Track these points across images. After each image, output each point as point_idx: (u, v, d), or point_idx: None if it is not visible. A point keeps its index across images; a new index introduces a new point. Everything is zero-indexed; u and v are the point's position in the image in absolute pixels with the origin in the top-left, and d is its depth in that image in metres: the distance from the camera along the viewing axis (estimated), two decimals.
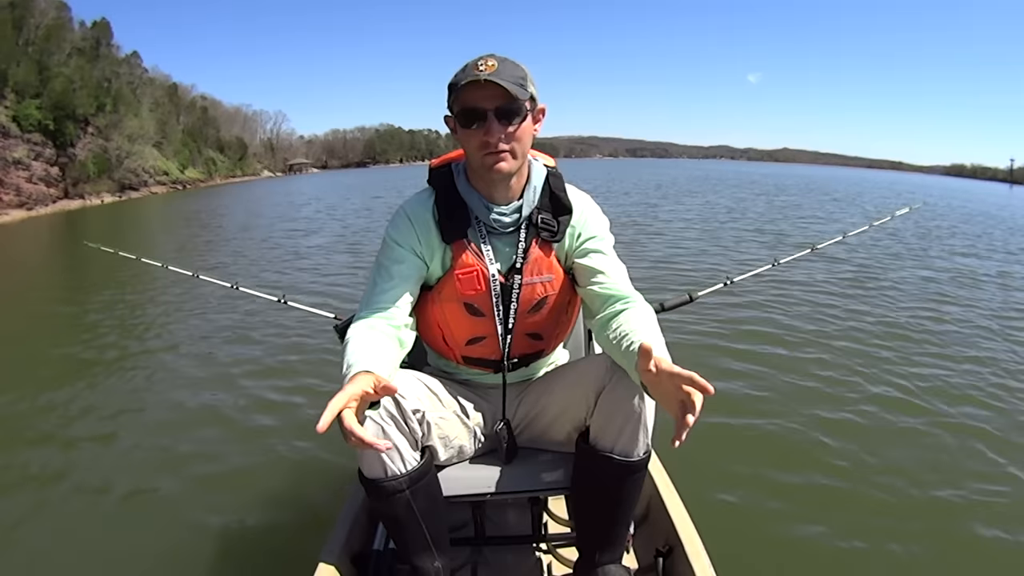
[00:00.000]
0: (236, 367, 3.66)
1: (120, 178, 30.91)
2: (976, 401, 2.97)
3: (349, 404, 0.90)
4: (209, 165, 47.99)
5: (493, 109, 1.04)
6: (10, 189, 22.74)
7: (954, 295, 5.40)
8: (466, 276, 1.16)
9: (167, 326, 4.78)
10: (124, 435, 2.84)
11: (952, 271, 6.62)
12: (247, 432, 2.80)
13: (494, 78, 1.02)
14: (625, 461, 1.10)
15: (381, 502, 1.12)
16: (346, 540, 1.31)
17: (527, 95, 1.06)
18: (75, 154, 28.11)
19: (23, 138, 25.27)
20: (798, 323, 4.31)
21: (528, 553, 1.49)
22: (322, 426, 0.86)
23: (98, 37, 34.79)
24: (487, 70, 1.03)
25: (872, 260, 7.08)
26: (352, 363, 0.99)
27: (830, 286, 5.59)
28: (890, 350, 3.71)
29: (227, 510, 2.16)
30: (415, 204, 1.19)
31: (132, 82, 38.52)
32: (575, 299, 1.26)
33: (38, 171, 25.16)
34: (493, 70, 1.03)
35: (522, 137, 1.09)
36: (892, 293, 5.39)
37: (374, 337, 1.08)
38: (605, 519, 1.20)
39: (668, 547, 1.31)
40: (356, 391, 0.91)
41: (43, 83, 27.38)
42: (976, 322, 4.46)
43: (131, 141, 32.26)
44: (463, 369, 1.29)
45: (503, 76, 1.03)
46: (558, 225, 1.18)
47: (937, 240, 9.37)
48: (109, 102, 32.53)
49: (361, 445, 0.90)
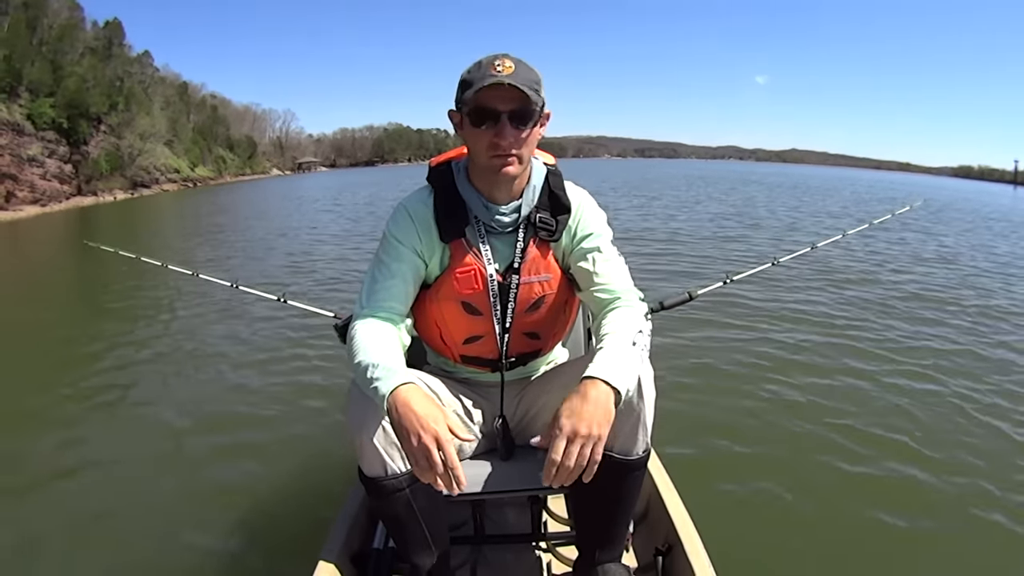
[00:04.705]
0: (236, 366, 3.69)
1: (132, 175, 31.24)
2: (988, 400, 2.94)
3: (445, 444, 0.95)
4: (219, 163, 48.37)
5: (507, 112, 1.03)
6: (25, 186, 23.03)
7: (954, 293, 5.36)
8: (464, 275, 1.15)
9: (167, 325, 4.81)
10: (123, 435, 2.86)
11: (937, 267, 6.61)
12: (247, 431, 2.81)
13: (515, 81, 1.01)
14: (624, 460, 1.10)
15: (381, 501, 1.12)
16: (346, 539, 1.32)
17: (540, 100, 1.05)
18: (88, 152, 28.43)
19: (37, 136, 25.57)
20: (802, 321, 4.29)
21: (528, 552, 1.49)
22: (457, 491, 0.97)
23: (110, 37, 35.16)
24: (505, 71, 1.01)
25: (872, 258, 7.04)
26: (380, 364, 1.01)
27: (831, 283, 5.56)
28: (895, 349, 3.68)
29: (227, 509, 2.16)
30: (416, 201, 1.18)
31: (143, 81, 38.96)
32: (573, 299, 1.26)
33: (52, 168, 25.46)
34: (511, 72, 1.02)
35: (531, 142, 1.09)
36: (893, 292, 5.35)
37: (385, 338, 1.08)
38: (605, 518, 1.19)
39: (668, 546, 1.31)
40: (448, 436, 0.96)
41: (57, 82, 27.68)
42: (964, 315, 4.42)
43: (143, 139, 32.59)
44: (461, 368, 1.29)
45: (520, 80, 1.02)
46: (556, 224, 1.18)
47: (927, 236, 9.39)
48: (121, 101, 32.87)
49: (445, 476, 0.96)
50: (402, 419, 0.95)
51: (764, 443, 2.54)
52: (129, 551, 1.96)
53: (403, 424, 0.95)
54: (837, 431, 2.62)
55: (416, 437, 0.94)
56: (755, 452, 2.47)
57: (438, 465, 0.94)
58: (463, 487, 0.97)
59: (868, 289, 5.44)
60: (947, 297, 5.24)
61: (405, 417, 0.95)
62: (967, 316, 4.58)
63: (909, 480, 2.26)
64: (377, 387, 0.99)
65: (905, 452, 2.44)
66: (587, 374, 0.97)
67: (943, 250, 8.20)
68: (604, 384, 0.95)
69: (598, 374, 0.96)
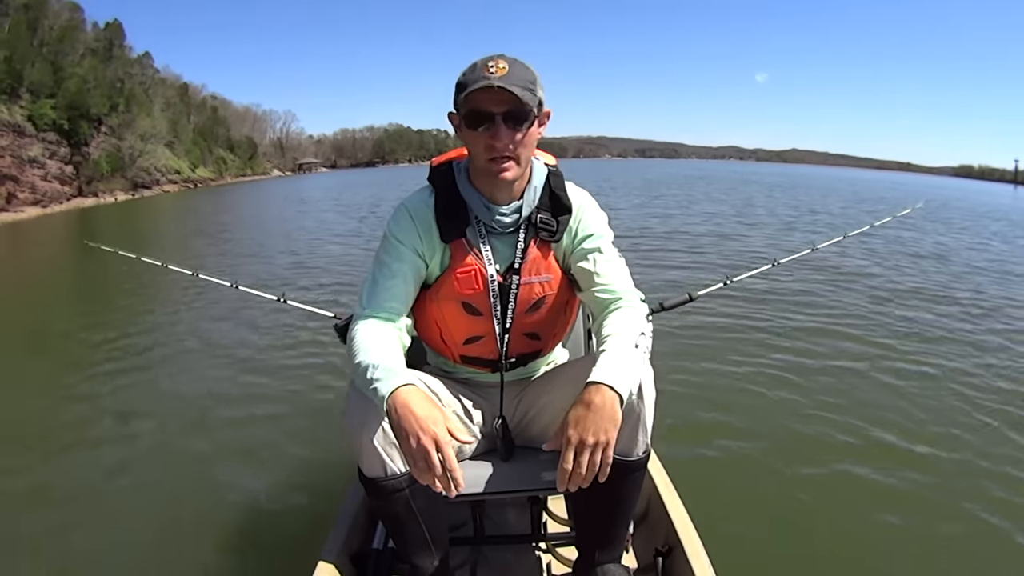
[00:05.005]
0: (236, 367, 3.69)
1: (133, 176, 31.33)
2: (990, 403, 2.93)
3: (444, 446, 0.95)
4: (220, 164, 48.44)
5: (502, 113, 1.03)
6: (26, 187, 23.09)
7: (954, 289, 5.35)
8: (464, 276, 1.15)
9: (167, 326, 4.81)
10: (123, 435, 2.86)
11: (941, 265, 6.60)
12: (247, 431, 2.81)
13: (505, 83, 1.00)
14: (624, 460, 1.10)
15: (381, 501, 1.12)
16: (346, 539, 1.32)
17: (536, 100, 1.05)
18: (89, 153, 28.49)
19: (38, 137, 25.63)
20: (802, 321, 4.28)
21: (527, 552, 1.49)
22: (455, 493, 0.97)
23: (111, 38, 35.23)
24: (498, 73, 1.01)
25: (870, 257, 7.04)
26: (380, 365, 1.01)
27: (832, 283, 5.56)
28: (897, 349, 3.67)
29: (227, 508, 2.17)
30: (417, 202, 1.18)
31: (144, 82, 39.03)
32: (573, 299, 1.26)
33: (53, 169, 25.52)
34: (504, 73, 1.01)
35: (528, 142, 1.08)
36: (893, 291, 5.34)
37: (386, 338, 1.08)
38: (604, 518, 1.19)
39: (667, 547, 1.31)
40: (447, 438, 0.96)
41: (57, 83, 27.74)
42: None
43: (143, 140, 32.69)
44: (462, 368, 1.29)
45: (514, 80, 1.01)
46: (557, 225, 1.17)
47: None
48: (122, 102, 32.95)
49: (443, 478, 0.96)
50: (401, 420, 0.95)
51: (765, 444, 2.54)
52: (129, 551, 1.96)
53: (402, 425, 0.95)
54: (838, 432, 2.62)
55: (415, 438, 0.94)
56: (755, 453, 2.47)
57: (436, 467, 0.94)
58: (461, 489, 0.97)
59: (869, 289, 5.43)
60: (962, 300, 5.24)
61: (404, 418, 0.95)
62: (979, 320, 4.55)
63: (909, 480, 2.25)
64: (377, 388, 0.99)
65: (909, 456, 2.44)
66: (591, 379, 0.97)
67: (940, 247, 8.21)
68: (608, 389, 0.96)
69: (602, 379, 0.97)
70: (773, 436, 2.61)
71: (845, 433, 2.60)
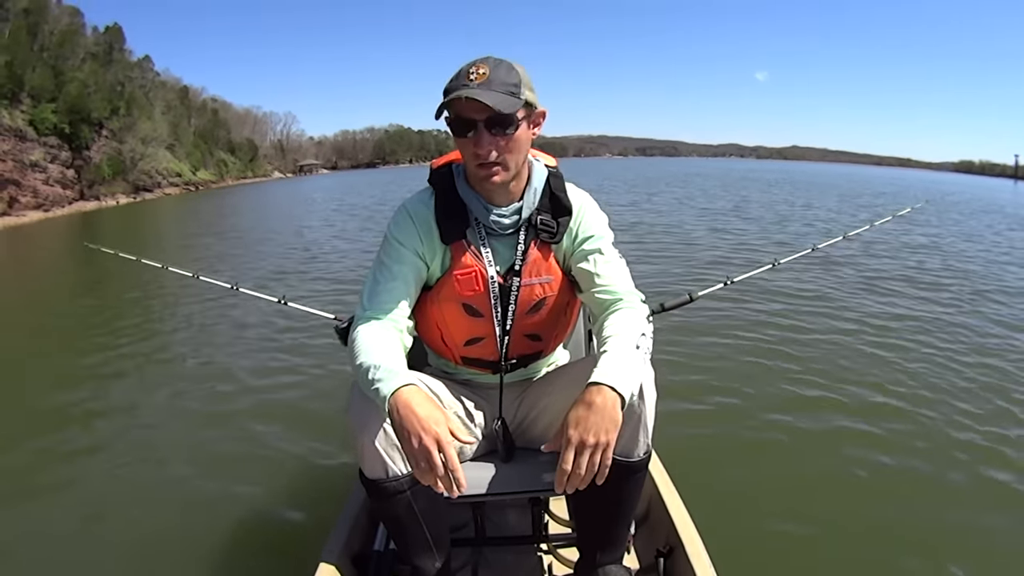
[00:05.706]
0: (236, 368, 3.69)
1: (134, 180, 31.41)
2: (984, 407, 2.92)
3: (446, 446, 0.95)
4: (221, 166, 48.53)
5: (484, 120, 1.02)
6: (27, 191, 23.14)
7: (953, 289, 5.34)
8: (465, 277, 1.15)
9: (167, 327, 4.82)
10: (123, 435, 2.86)
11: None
12: (247, 432, 2.81)
13: (480, 93, 0.99)
14: (625, 461, 1.10)
15: (382, 502, 1.12)
16: (347, 540, 1.32)
17: (519, 104, 1.03)
18: (90, 156, 28.57)
19: (39, 141, 25.68)
20: (802, 323, 4.27)
21: (529, 553, 1.50)
22: (457, 493, 0.97)
23: (111, 42, 35.29)
24: (477, 79, 1.00)
25: (873, 257, 7.02)
26: (381, 366, 1.01)
27: (834, 283, 5.55)
28: (898, 350, 3.66)
29: (228, 510, 2.16)
30: (417, 203, 1.18)
31: (144, 85, 39.13)
32: (574, 300, 1.26)
33: (54, 173, 25.58)
34: (484, 79, 1.00)
35: (516, 147, 1.07)
36: (895, 290, 5.33)
37: (387, 339, 1.08)
38: (605, 519, 1.19)
39: (669, 547, 1.31)
40: (449, 438, 0.96)
41: (58, 87, 27.80)
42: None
43: (144, 143, 32.76)
44: (462, 369, 1.29)
45: (493, 86, 1.00)
46: (557, 226, 1.17)
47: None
48: (122, 105, 33.01)
49: (445, 479, 0.96)
50: (403, 421, 0.95)
51: (765, 444, 2.54)
52: (129, 551, 1.96)
53: (404, 426, 0.95)
54: (839, 432, 2.61)
55: (417, 439, 0.94)
56: (756, 453, 2.46)
57: (438, 467, 0.94)
58: (463, 489, 0.97)
59: (869, 289, 5.41)
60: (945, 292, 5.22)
61: (406, 419, 0.95)
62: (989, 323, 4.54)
63: (910, 481, 2.24)
64: (378, 389, 0.99)
65: (910, 453, 2.43)
66: (592, 380, 0.97)
67: (934, 241, 8.19)
68: (610, 390, 0.96)
69: (603, 380, 0.96)
70: (775, 436, 2.60)
71: (848, 434, 2.59)
